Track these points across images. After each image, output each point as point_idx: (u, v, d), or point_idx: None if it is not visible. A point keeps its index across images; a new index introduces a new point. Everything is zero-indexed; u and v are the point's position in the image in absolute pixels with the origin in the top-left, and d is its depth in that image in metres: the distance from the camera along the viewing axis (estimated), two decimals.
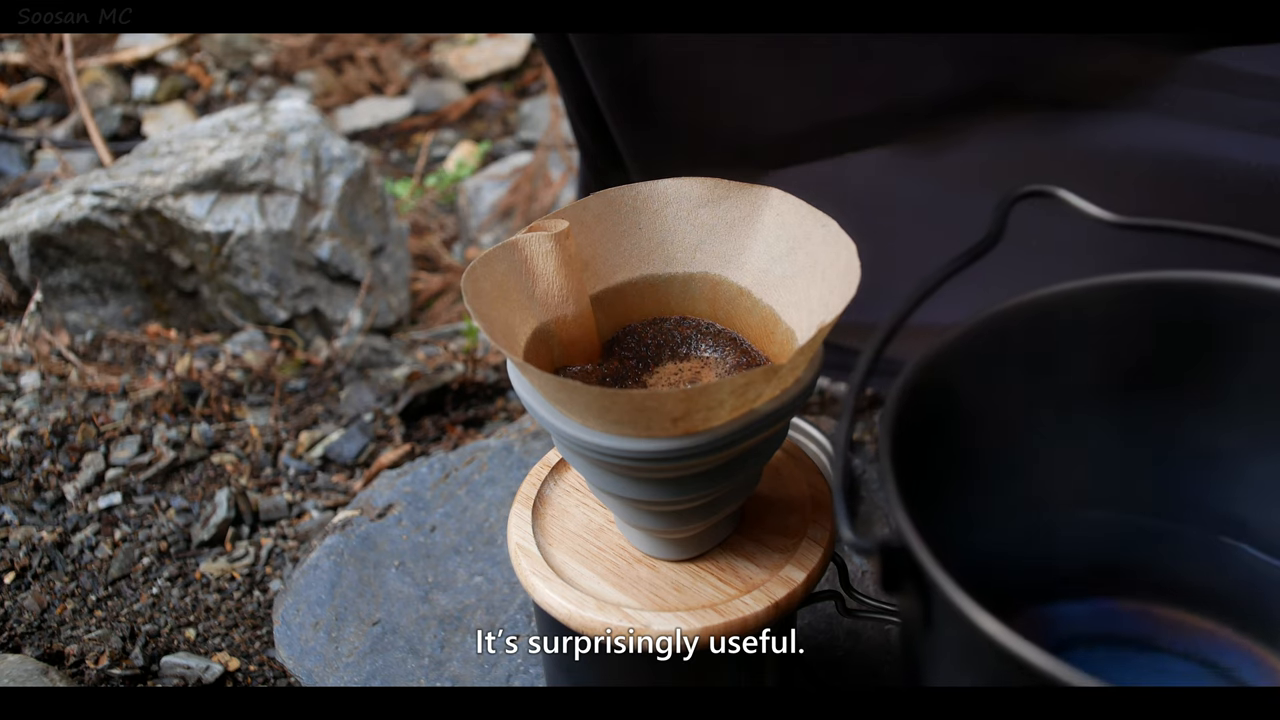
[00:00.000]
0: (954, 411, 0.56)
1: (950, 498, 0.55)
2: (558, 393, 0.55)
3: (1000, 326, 0.56)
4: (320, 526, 1.13)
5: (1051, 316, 0.56)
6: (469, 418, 1.34)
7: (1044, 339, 0.57)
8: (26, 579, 1.05)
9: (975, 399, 0.56)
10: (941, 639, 0.49)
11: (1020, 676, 0.44)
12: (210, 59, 2.77)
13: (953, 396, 0.55)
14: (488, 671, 0.86)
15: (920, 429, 0.51)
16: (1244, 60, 0.90)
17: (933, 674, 0.52)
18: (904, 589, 0.47)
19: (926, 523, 0.46)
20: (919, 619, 0.49)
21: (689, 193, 0.68)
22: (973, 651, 0.46)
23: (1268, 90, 0.90)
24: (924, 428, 0.52)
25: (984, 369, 0.56)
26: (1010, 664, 0.43)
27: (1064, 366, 0.58)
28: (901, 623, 0.53)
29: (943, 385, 0.54)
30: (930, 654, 0.51)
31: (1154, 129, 0.97)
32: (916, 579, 0.46)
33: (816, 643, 0.88)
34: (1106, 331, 0.57)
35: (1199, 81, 0.93)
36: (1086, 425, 0.59)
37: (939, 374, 0.54)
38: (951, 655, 0.49)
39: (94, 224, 1.58)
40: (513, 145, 2.56)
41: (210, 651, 0.99)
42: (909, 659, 0.54)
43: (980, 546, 0.56)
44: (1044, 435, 0.59)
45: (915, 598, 0.47)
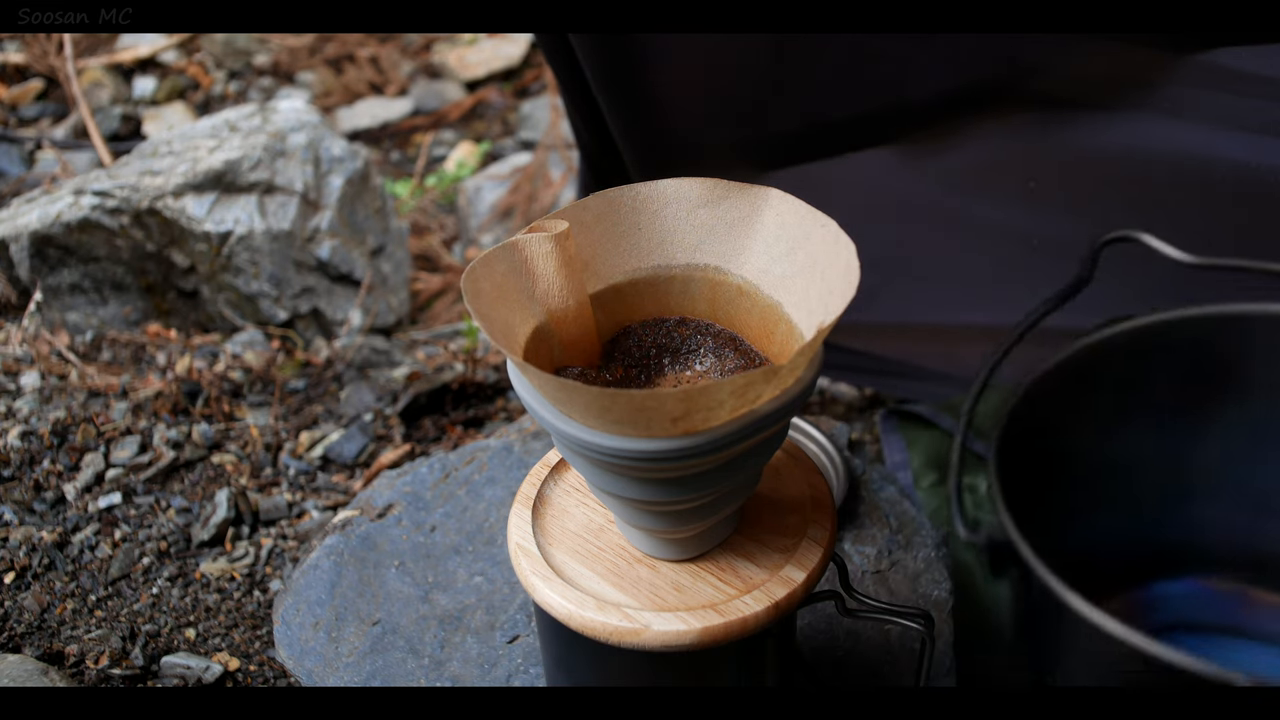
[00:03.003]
0: (1054, 425, 0.64)
1: (1051, 498, 0.63)
2: (558, 393, 0.55)
3: (1098, 350, 0.65)
4: (320, 526, 1.13)
5: (1143, 341, 0.66)
6: (469, 418, 1.34)
7: (1137, 360, 0.66)
8: (26, 579, 1.05)
9: (1073, 413, 0.66)
10: (1040, 619, 0.57)
11: (1106, 648, 0.52)
12: (210, 59, 2.77)
13: (1053, 412, 0.64)
14: (488, 671, 0.86)
15: (1023, 439, 0.60)
16: (1244, 60, 0.90)
17: (1035, 650, 0.61)
18: (1008, 576, 0.56)
19: (1028, 520, 0.55)
20: (1021, 602, 0.58)
21: (689, 193, 0.68)
22: (1066, 627, 0.55)
23: (1268, 90, 0.90)
24: (1027, 437, 0.61)
25: (1082, 387, 0.65)
26: (1097, 637, 0.51)
27: (1154, 382, 0.67)
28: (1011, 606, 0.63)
29: (1045, 403, 0.63)
30: (1032, 633, 0.60)
31: (1154, 129, 0.97)
32: (1019, 567, 0.55)
33: (816, 643, 0.88)
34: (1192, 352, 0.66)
35: (1199, 81, 0.93)
36: (1175, 430, 0.69)
37: (1042, 394, 0.63)
38: (1049, 632, 0.58)
39: (94, 224, 1.58)
40: (513, 145, 2.56)
41: (210, 651, 0.99)
42: (1016, 637, 0.63)
43: (1079, 539, 0.64)
44: (1137, 441, 0.68)
45: (1018, 583, 0.56)
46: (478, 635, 0.89)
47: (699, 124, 1.18)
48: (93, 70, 2.60)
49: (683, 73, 1.12)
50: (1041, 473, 0.63)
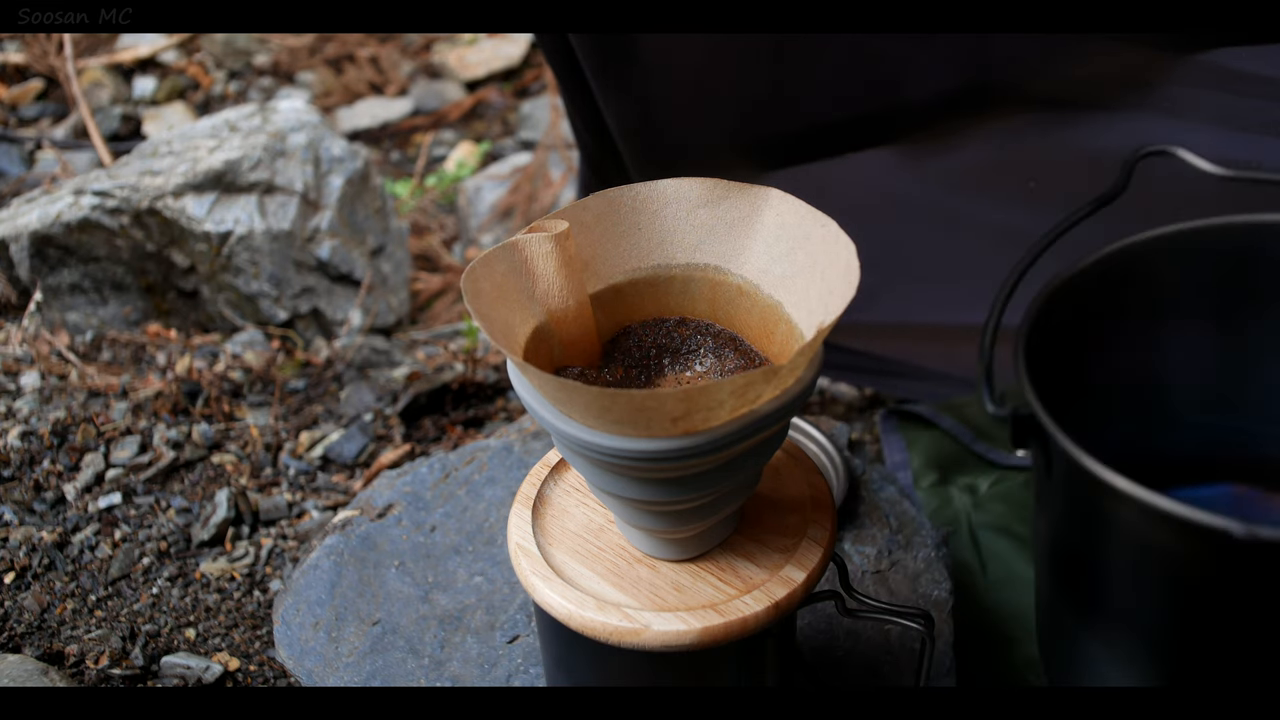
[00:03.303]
0: (1084, 327, 0.67)
1: (1079, 403, 0.66)
2: (558, 393, 0.55)
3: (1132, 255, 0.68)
4: (320, 526, 1.13)
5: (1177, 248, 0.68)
6: (469, 418, 1.34)
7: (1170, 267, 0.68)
8: (26, 579, 1.05)
9: (1104, 317, 0.68)
10: (1057, 484, 0.61)
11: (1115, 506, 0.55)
12: (210, 59, 2.77)
13: (1081, 311, 0.67)
14: (488, 671, 0.86)
15: (1053, 336, 0.63)
16: (1244, 60, 0.90)
17: (1050, 515, 0.64)
18: (1029, 447, 0.60)
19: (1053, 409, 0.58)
20: (1042, 470, 0.62)
21: (689, 193, 0.68)
22: (1080, 489, 0.58)
23: (1268, 90, 0.90)
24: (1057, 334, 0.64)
25: (1114, 291, 0.67)
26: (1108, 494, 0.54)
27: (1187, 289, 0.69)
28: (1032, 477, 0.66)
29: (1073, 301, 0.66)
30: (1048, 498, 0.63)
31: (1154, 129, 0.97)
32: (1039, 438, 0.58)
33: (816, 643, 0.88)
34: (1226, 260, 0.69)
35: (1199, 81, 0.93)
36: (1207, 338, 0.71)
37: (1071, 291, 0.66)
38: (1064, 496, 0.61)
39: (94, 224, 1.58)
40: (513, 145, 2.56)
41: (210, 651, 0.99)
42: (1035, 507, 0.67)
43: (1105, 443, 0.66)
44: (1167, 347, 0.71)
45: (1039, 453, 0.60)
46: (478, 635, 0.89)
47: (699, 124, 1.18)
48: (93, 70, 2.60)
49: (683, 73, 1.12)
50: (1069, 375, 0.65)
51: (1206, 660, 0.58)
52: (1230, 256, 0.68)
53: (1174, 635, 0.59)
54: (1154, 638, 0.60)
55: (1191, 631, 0.58)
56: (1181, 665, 0.59)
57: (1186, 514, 0.50)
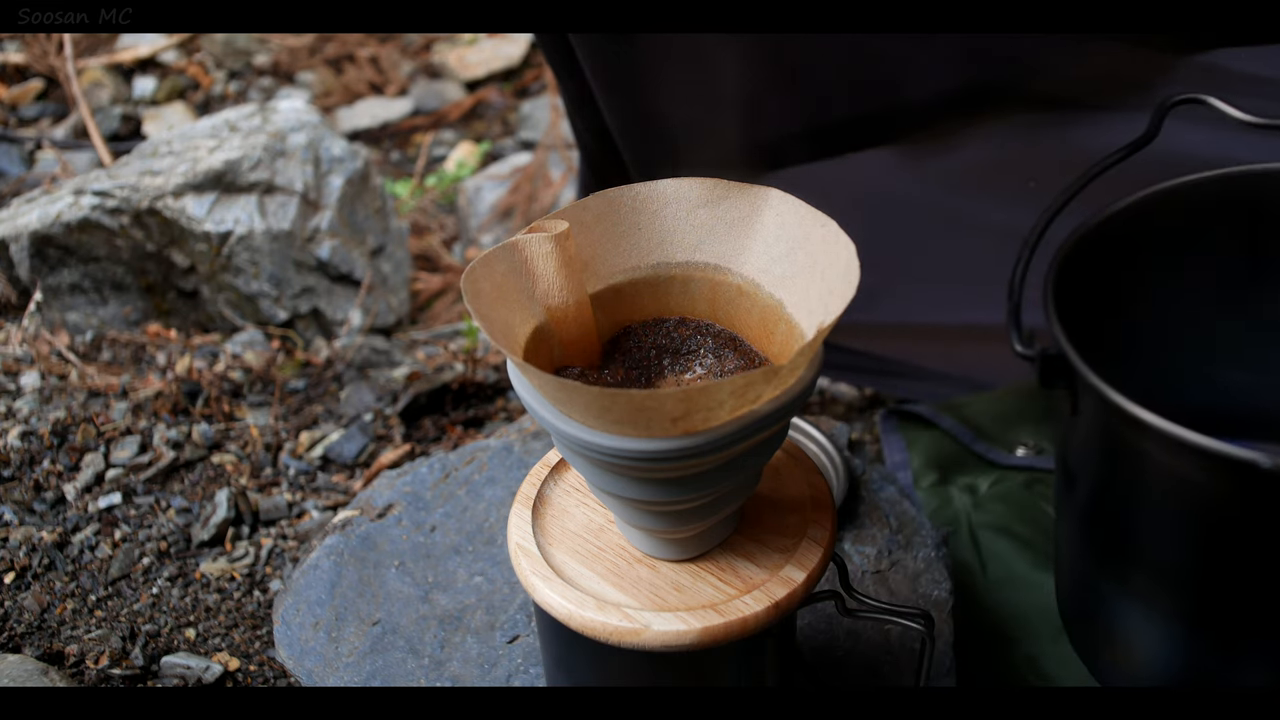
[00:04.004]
0: (1111, 274, 0.67)
1: (1106, 348, 0.66)
2: (558, 393, 0.55)
3: (1159, 200, 0.67)
4: (320, 526, 1.13)
5: (1205, 195, 0.68)
6: (469, 418, 1.34)
7: (1197, 215, 0.68)
8: (26, 579, 1.05)
9: (1131, 266, 0.68)
10: (1083, 424, 0.61)
11: (1142, 441, 0.55)
12: (210, 59, 2.77)
13: (1111, 261, 0.67)
14: (488, 671, 0.86)
15: (1081, 280, 0.64)
16: (1244, 60, 0.90)
17: (1076, 458, 0.64)
18: (1056, 385, 0.61)
19: (1081, 349, 0.58)
20: (1069, 407, 0.62)
21: (688, 193, 0.68)
22: (1108, 427, 0.58)
23: (1268, 90, 0.90)
24: (1085, 279, 0.64)
25: (1141, 238, 0.67)
26: (1136, 430, 0.55)
27: (1214, 237, 0.69)
28: (1060, 417, 0.66)
29: (1102, 244, 0.66)
30: (1075, 434, 0.64)
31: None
32: (1067, 375, 0.59)
33: (816, 643, 0.88)
34: (1254, 208, 0.68)
35: (1199, 81, 0.93)
36: (1234, 288, 0.71)
37: (1102, 235, 0.66)
38: (1091, 435, 0.61)
39: (94, 224, 1.58)
40: (513, 145, 2.56)
41: (210, 651, 0.99)
42: (1059, 453, 0.67)
43: (1127, 389, 0.67)
44: (1194, 297, 0.71)
45: (1066, 391, 0.61)
46: (478, 635, 0.89)
47: (699, 124, 1.18)
48: (93, 70, 2.60)
49: (683, 72, 1.12)
50: (1096, 322, 0.65)
51: (1235, 599, 0.58)
52: (1265, 203, 0.68)
53: (1201, 574, 0.59)
54: (1182, 578, 0.60)
55: (1219, 569, 0.57)
56: (1209, 605, 0.59)
57: (1214, 447, 0.50)
